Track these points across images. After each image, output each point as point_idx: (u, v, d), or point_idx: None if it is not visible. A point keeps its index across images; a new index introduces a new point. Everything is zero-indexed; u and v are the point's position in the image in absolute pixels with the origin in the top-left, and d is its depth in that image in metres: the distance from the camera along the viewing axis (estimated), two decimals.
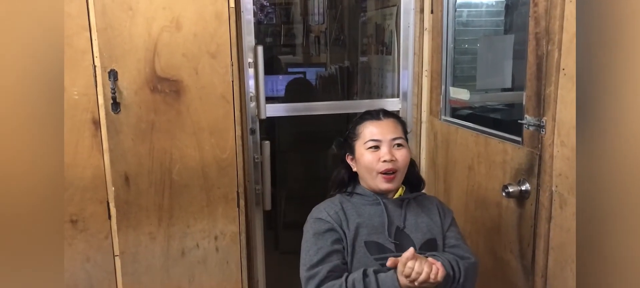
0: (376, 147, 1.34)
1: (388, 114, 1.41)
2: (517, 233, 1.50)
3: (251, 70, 1.92)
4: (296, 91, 3.45)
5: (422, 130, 2.14)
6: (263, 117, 1.97)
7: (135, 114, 1.73)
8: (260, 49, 1.91)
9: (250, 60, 1.91)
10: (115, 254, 1.83)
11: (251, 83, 1.93)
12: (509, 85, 2.00)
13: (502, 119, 1.90)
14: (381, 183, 1.34)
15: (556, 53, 1.29)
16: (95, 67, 1.69)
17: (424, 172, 2.13)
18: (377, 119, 1.38)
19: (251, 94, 1.94)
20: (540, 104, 1.36)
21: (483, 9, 2.26)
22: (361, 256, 1.29)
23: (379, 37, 2.63)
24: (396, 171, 1.34)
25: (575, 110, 1.23)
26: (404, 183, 1.42)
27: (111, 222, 1.80)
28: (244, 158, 1.88)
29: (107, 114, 1.71)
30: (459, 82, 2.04)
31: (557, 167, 1.33)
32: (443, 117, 1.99)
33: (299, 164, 3.34)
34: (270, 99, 2.11)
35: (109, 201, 1.79)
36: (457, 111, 2.01)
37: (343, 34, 3.66)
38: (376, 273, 1.20)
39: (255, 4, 1.96)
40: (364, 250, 1.29)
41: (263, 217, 2.08)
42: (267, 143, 2.00)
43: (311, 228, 1.34)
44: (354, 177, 1.43)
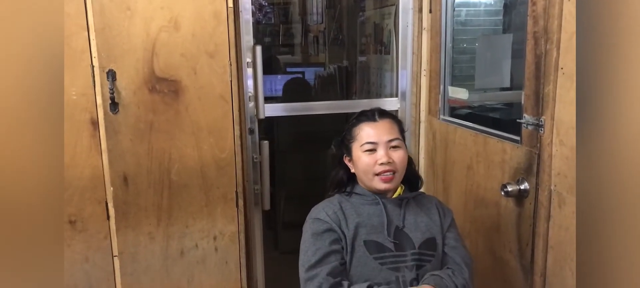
0: (373, 149, 1.34)
1: (384, 114, 1.41)
2: (516, 232, 1.50)
3: (250, 70, 1.92)
4: (294, 91, 3.45)
5: (420, 129, 2.15)
6: (262, 116, 1.97)
7: (133, 114, 1.73)
8: (259, 48, 1.91)
9: (248, 60, 1.91)
10: (114, 254, 1.83)
11: (250, 83, 1.93)
12: (507, 84, 2.00)
13: (501, 118, 1.90)
14: (379, 184, 1.34)
15: (554, 52, 1.29)
16: (93, 67, 1.68)
17: (422, 172, 2.13)
18: (373, 120, 1.38)
19: (250, 94, 1.94)
20: (539, 103, 1.36)
21: (481, 9, 2.26)
22: (361, 255, 1.29)
23: (377, 37, 2.63)
24: (394, 172, 1.34)
25: (574, 109, 1.23)
26: (402, 182, 1.42)
27: (110, 223, 1.80)
28: (242, 158, 1.88)
29: (105, 114, 1.71)
30: (457, 81, 2.05)
31: (556, 166, 1.33)
32: (442, 116, 1.99)
33: (298, 164, 3.33)
34: (269, 99, 2.11)
35: (108, 201, 1.78)
36: (455, 110, 2.01)
37: (342, 34, 3.66)
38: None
39: (253, 4, 1.96)
40: (364, 250, 1.29)
41: (262, 216, 2.08)
42: (266, 143, 2.00)
43: (310, 228, 1.34)
44: (352, 177, 1.43)
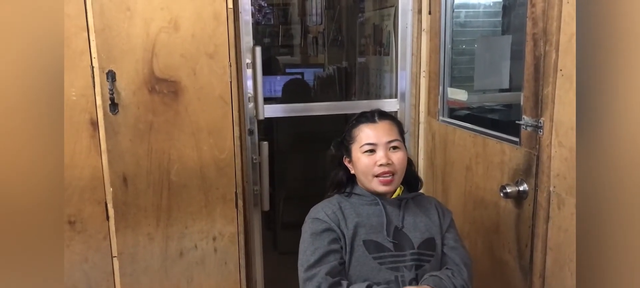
0: (372, 151, 1.35)
1: (383, 115, 1.41)
2: (515, 233, 1.50)
3: (249, 71, 1.92)
4: (294, 92, 3.45)
5: (420, 130, 2.15)
6: (261, 117, 1.97)
7: (133, 115, 1.73)
8: (259, 49, 1.91)
9: (248, 60, 1.91)
10: (113, 255, 1.83)
11: (249, 84, 1.93)
12: (506, 85, 2.00)
13: (500, 120, 1.91)
14: (378, 186, 1.34)
15: (554, 54, 1.29)
16: (93, 68, 1.68)
17: (422, 173, 2.13)
18: (373, 121, 1.38)
19: (249, 95, 1.94)
20: (538, 104, 1.36)
21: (481, 10, 2.26)
22: (360, 255, 1.30)
23: (376, 38, 2.63)
24: (393, 174, 1.34)
25: (573, 111, 1.23)
26: (401, 183, 1.42)
27: (109, 223, 1.80)
28: (242, 158, 1.88)
29: (105, 114, 1.71)
30: (456, 82, 2.05)
31: (555, 168, 1.33)
32: (441, 117, 1.99)
33: (298, 165, 3.33)
34: (268, 100, 2.11)
35: (107, 202, 1.78)
36: (455, 112, 2.01)
37: (341, 35, 3.66)
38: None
39: (253, 5, 1.96)
40: (363, 249, 1.30)
41: (261, 217, 2.08)
42: (265, 143, 2.00)
43: (309, 228, 1.34)
44: (351, 178, 1.43)
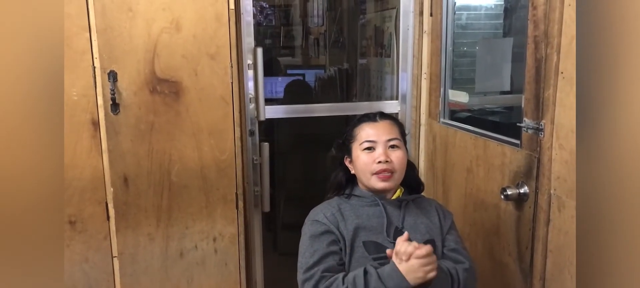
0: (371, 149, 1.35)
1: (385, 116, 1.42)
2: (515, 236, 1.50)
3: (250, 72, 1.92)
4: (295, 93, 3.45)
5: (420, 132, 2.15)
6: (262, 118, 1.97)
7: (134, 115, 1.73)
8: (260, 50, 1.91)
9: (249, 61, 1.91)
10: (113, 255, 1.83)
11: (250, 85, 1.93)
12: (507, 88, 2.00)
13: (501, 122, 1.91)
14: (377, 183, 1.34)
15: (555, 56, 1.29)
16: (94, 68, 1.69)
17: (422, 175, 2.13)
18: (374, 121, 1.40)
19: (250, 96, 1.94)
20: (539, 107, 1.36)
21: (482, 12, 2.26)
22: (359, 256, 1.30)
23: (378, 40, 2.63)
24: (392, 172, 1.34)
25: (573, 113, 1.23)
26: (403, 186, 1.42)
27: (110, 223, 1.80)
28: (243, 159, 1.88)
29: (106, 114, 1.71)
30: (457, 84, 2.05)
31: (556, 170, 1.33)
32: (442, 119, 1.99)
33: (298, 166, 3.33)
34: (269, 101, 2.11)
35: (108, 202, 1.79)
36: (456, 114, 2.01)
37: (342, 36, 3.66)
38: (375, 270, 1.21)
39: (255, 6, 1.96)
40: (363, 250, 1.30)
41: (262, 218, 2.08)
42: (266, 144, 2.00)
43: (308, 230, 1.34)
44: (351, 180, 1.44)
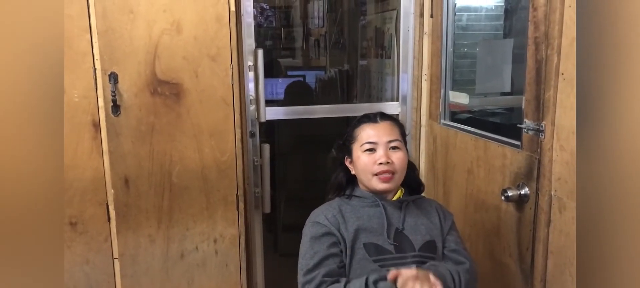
0: (372, 150, 1.35)
1: (385, 116, 1.42)
2: (516, 237, 1.50)
3: (251, 73, 1.92)
4: (296, 94, 3.45)
5: (421, 134, 2.15)
6: (263, 120, 1.97)
7: (135, 117, 1.73)
8: (260, 52, 1.91)
9: (250, 63, 1.91)
10: (114, 256, 1.83)
11: (251, 86, 1.93)
12: (508, 89, 2.00)
13: (502, 123, 1.91)
14: (378, 184, 1.35)
15: (555, 57, 1.29)
16: (95, 69, 1.69)
17: (423, 176, 2.13)
18: (374, 121, 1.40)
19: (251, 97, 1.94)
20: (540, 108, 1.36)
21: (482, 13, 2.26)
22: (360, 258, 1.29)
23: (378, 41, 2.64)
24: (393, 173, 1.34)
25: (574, 115, 1.23)
26: (404, 186, 1.42)
27: (110, 224, 1.80)
28: (243, 161, 1.88)
29: (107, 116, 1.72)
30: (458, 86, 2.05)
31: (556, 171, 1.33)
32: (442, 120, 1.99)
33: (299, 167, 3.33)
34: (270, 102, 2.11)
35: (109, 203, 1.79)
36: (456, 115, 2.01)
37: (343, 38, 3.66)
38: (376, 283, 1.20)
39: (255, 8, 1.96)
40: (363, 252, 1.30)
41: (262, 219, 2.08)
42: (266, 146, 2.01)
43: (308, 232, 1.34)
44: (352, 180, 1.44)
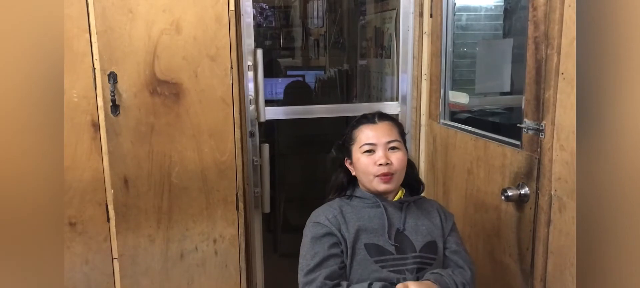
0: (371, 151, 1.35)
1: (384, 117, 1.42)
2: (516, 237, 1.50)
3: (251, 73, 1.92)
4: (295, 94, 3.45)
5: (421, 133, 2.15)
6: (262, 120, 1.97)
7: (134, 117, 1.73)
8: (260, 52, 1.91)
9: (249, 63, 1.91)
10: (113, 257, 1.83)
11: (250, 86, 1.93)
12: (508, 89, 2.00)
13: (501, 123, 1.91)
14: (378, 185, 1.34)
15: (555, 57, 1.29)
16: (94, 69, 1.69)
17: (423, 176, 2.13)
18: (373, 122, 1.39)
19: (250, 97, 1.94)
20: (540, 107, 1.36)
21: (482, 13, 2.26)
22: (361, 258, 1.29)
23: (378, 41, 2.63)
24: (392, 174, 1.34)
25: (574, 114, 1.23)
26: (403, 186, 1.42)
27: (110, 225, 1.80)
28: (243, 161, 1.88)
29: (106, 116, 1.71)
30: (458, 85, 2.05)
31: (556, 171, 1.33)
32: (442, 120, 1.99)
33: (298, 167, 3.34)
34: (269, 102, 2.11)
35: (108, 204, 1.78)
36: (456, 115, 2.01)
37: (342, 37, 3.66)
38: None
39: (254, 7, 1.96)
40: (364, 253, 1.30)
41: (262, 219, 2.08)
42: (266, 146, 2.00)
43: (309, 232, 1.34)
44: (352, 181, 1.44)
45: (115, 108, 1.71)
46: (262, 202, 2.04)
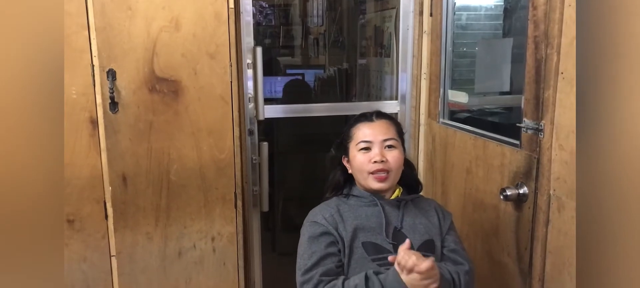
0: (368, 149, 1.35)
1: (382, 115, 1.42)
2: (514, 236, 1.50)
3: (250, 71, 1.92)
4: (294, 93, 3.45)
5: (420, 133, 2.15)
6: (261, 118, 1.97)
7: (133, 114, 1.72)
8: (259, 50, 1.91)
9: (249, 61, 1.91)
10: (111, 254, 1.82)
11: (250, 84, 1.93)
12: (507, 88, 2.00)
13: (501, 122, 1.90)
14: (373, 183, 1.34)
15: (555, 57, 1.29)
16: (93, 66, 1.68)
17: (421, 175, 2.13)
18: (371, 120, 1.40)
19: (250, 95, 1.94)
20: (539, 107, 1.36)
21: (482, 13, 2.26)
22: (359, 257, 1.29)
23: (377, 40, 2.63)
24: (388, 172, 1.34)
25: (573, 114, 1.23)
26: (402, 185, 1.42)
27: (108, 222, 1.80)
28: (242, 159, 1.88)
29: (105, 113, 1.71)
30: (457, 85, 2.05)
31: (555, 171, 1.33)
32: (441, 120, 1.99)
33: (297, 166, 3.33)
34: (268, 100, 2.11)
35: (106, 201, 1.78)
36: (455, 114, 2.01)
37: (342, 36, 3.66)
38: (376, 274, 1.21)
39: (254, 5, 1.96)
40: (362, 251, 1.29)
41: (260, 218, 2.08)
42: (265, 144, 2.00)
43: (306, 231, 1.34)
44: (350, 179, 1.43)
45: (114, 105, 1.70)
46: (260, 201, 2.04)
